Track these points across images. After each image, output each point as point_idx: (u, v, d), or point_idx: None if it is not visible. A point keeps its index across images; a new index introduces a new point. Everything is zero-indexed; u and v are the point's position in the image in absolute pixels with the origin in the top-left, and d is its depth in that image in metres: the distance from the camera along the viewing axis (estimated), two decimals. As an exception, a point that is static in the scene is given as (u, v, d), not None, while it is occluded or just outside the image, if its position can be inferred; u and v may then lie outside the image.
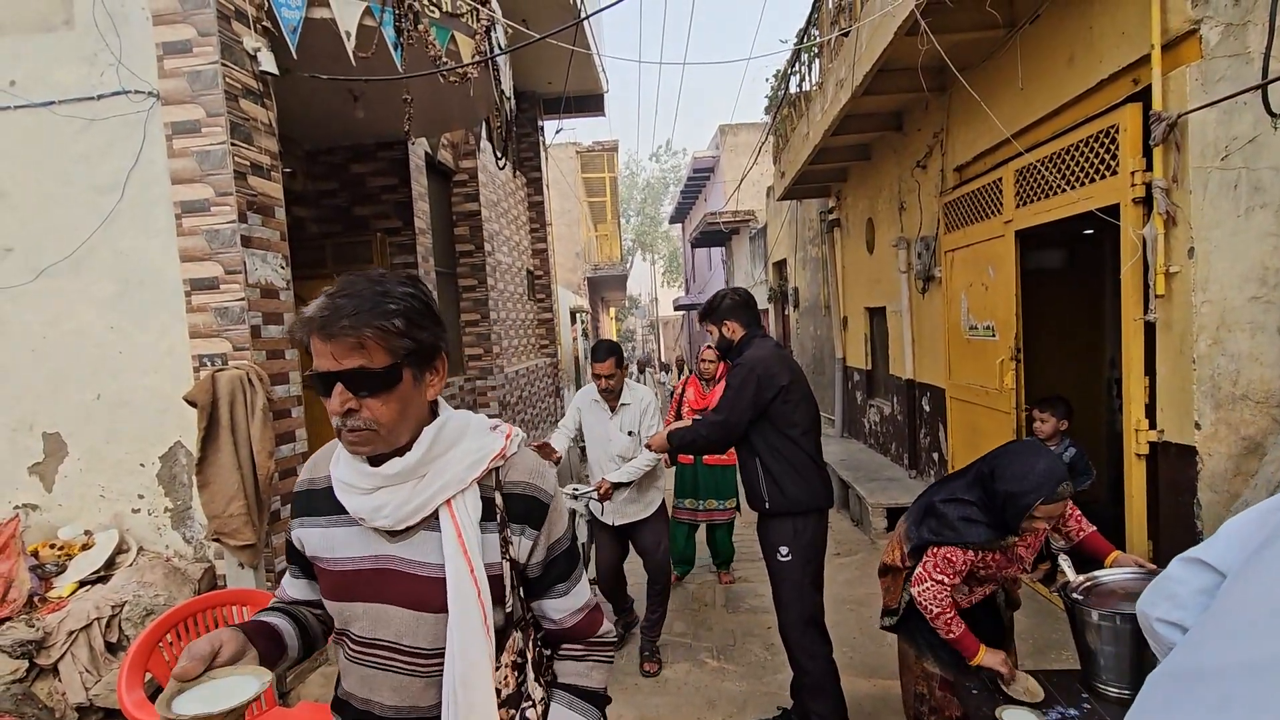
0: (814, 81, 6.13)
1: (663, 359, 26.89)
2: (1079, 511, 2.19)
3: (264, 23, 3.11)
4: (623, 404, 3.38)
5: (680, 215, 24.64)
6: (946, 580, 2.02)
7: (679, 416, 4.33)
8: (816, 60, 6.00)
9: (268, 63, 3.09)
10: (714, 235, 15.50)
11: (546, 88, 8.55)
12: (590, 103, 9.38)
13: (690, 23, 8.65)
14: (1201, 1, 2.46)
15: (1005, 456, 2.03)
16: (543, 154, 9.14)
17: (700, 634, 3.84)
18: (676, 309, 26.03)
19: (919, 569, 2.07)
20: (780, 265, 11.59)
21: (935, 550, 2.04)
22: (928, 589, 2.03)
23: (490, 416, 5.06)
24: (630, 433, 3.38)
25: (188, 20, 2.85)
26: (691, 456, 4.25)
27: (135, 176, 2.93)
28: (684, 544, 4.57)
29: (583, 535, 3.61)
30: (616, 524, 3.42)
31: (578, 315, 15.15)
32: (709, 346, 4.29)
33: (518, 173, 8.56)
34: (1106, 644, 1.90)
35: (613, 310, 33.20)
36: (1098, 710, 1.85)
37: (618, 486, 3.30)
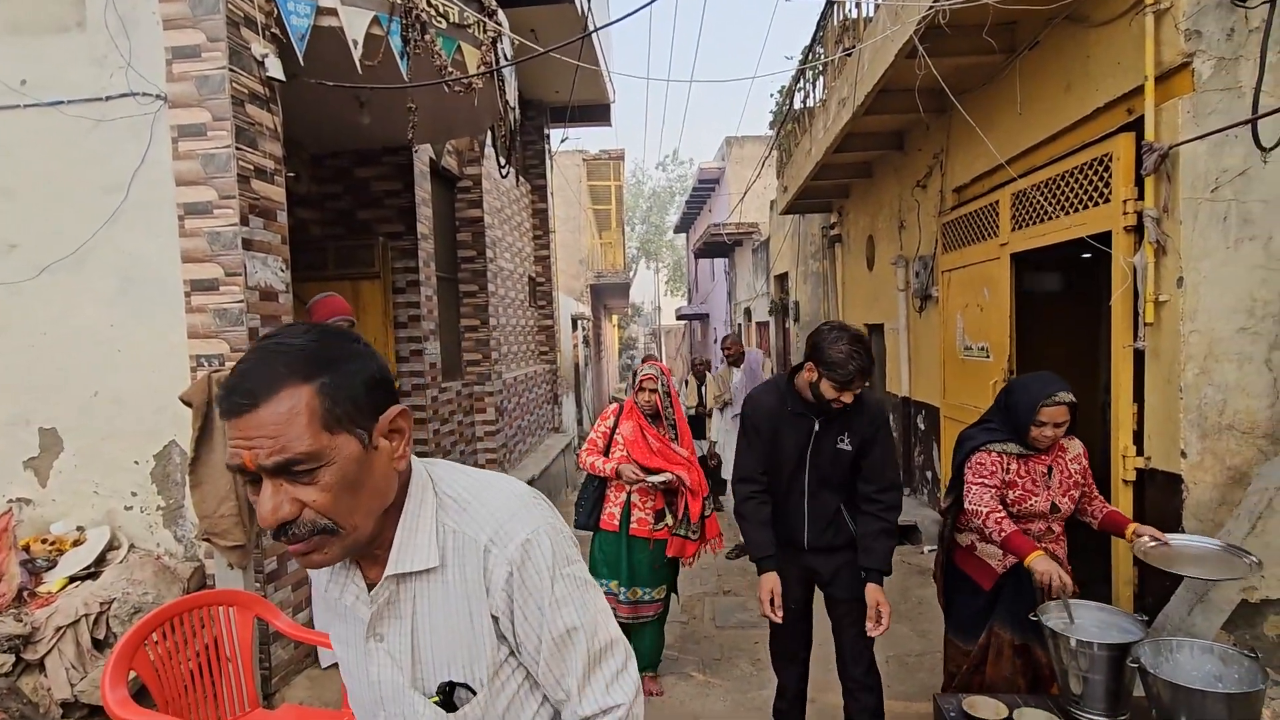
0: (818, 98, 6.18)
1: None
2: (1102, 498, 2.38)
3: (272, 29, 3.15)
4: (394, 581, 0.87)
5: (685, 225, 24.74)
6: (985, 480, 2.23)
7: (606, 456, 3.17)
8: (821, 77, 6.05)
9: (275, 69, 3.13)
10: (717, 246, 15.56)
11: (554, 96, 8.62)
12: (597, 112, 9.45)
13: (699, 35, 8.73)
14: (1194, 35, 2.49)
15: (1018, 378, 2.37)
16: (548, 162, 9.21)
17: (688, 648, 3.84)
18: (678, 318, 26.09)
19: (964, 487, 2.27)
20: (782, 279, 11.62)
21: (967, 463, 2.28)
22: (973, 494, 2.23)
23: (487, 422, 4.67)
24: (453, 693, 0.87)
25: (197, 26, 2.89)
26: (617, 523, 3.14)
27: (140, 177, 2.96)
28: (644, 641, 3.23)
29: None
30: None
31: (579, 322, 15.19)
32: (644, 384, 3.18)
33: (522, 179, 8.62)
34: (1084, 671, 1.91)
35: (615, 318, 33.25)
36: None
37: None
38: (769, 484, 2.45)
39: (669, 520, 3.13)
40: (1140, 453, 2.76)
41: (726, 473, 5.59)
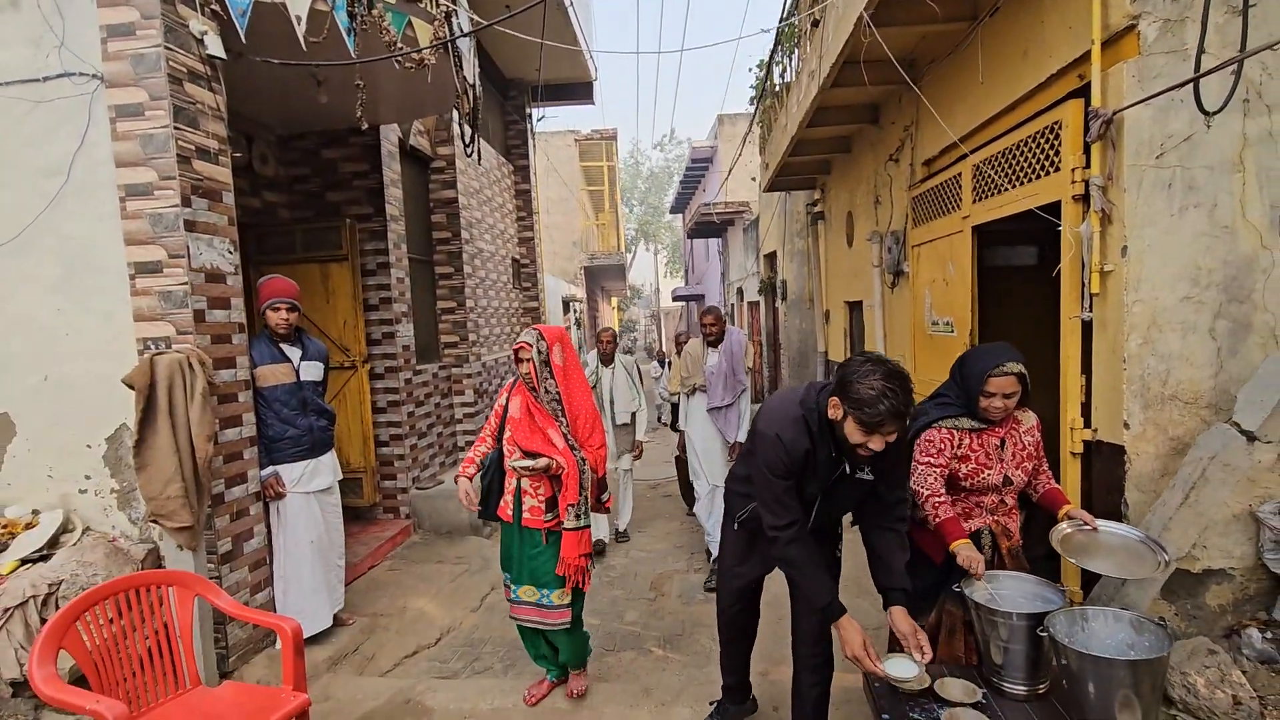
0: (794, 72, 6.08)
1: (662, 347, 26.78)
2: (1049, 471, 2.40)
3: (212, 5, 3.10)
4: None
5: (680, 205, 24.57)
6: (932, 460, 2.23)
7: (499, 438, 2.88)
8: (796, 50, 5.95)
9: (214, 46, 3.09)
10: (708, 226, 15.45)
11: (535, 75, 8.51)
12: (579, 90, 9.33)
13: (687, 7, 8.59)
14: (1140, -4, 2.42)
15: (971, 349, 2.36)
16: (530, 141, 9.11)
17: (650, 623, 3.87)
18: (675, 299, 26.00)
19: (911, 464, 2.27)
20: (771, 257, 11.55)
21: (918, 440, 2.27)
22: (919, 475, 2.25)
23: (466, 404, 4.60)
24: None
25: (131, 2, 2.84)
26: (510, 513, 2.85)
27: (80, 159, 2.93)
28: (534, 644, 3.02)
29: None
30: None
31: (571, 304, 15.16)
32: (519, 353, 2.76)
33: (505, 160, 8.54)
34: (1005, 641, 1.91)
35: (614, 300, 33.18)
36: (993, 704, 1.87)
37: None
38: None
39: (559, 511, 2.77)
40: (1088, 425, 2.74)
41: (692, 475, 4.74)
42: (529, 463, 2.70)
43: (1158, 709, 1.65)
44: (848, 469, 2.09)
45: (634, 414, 5.28)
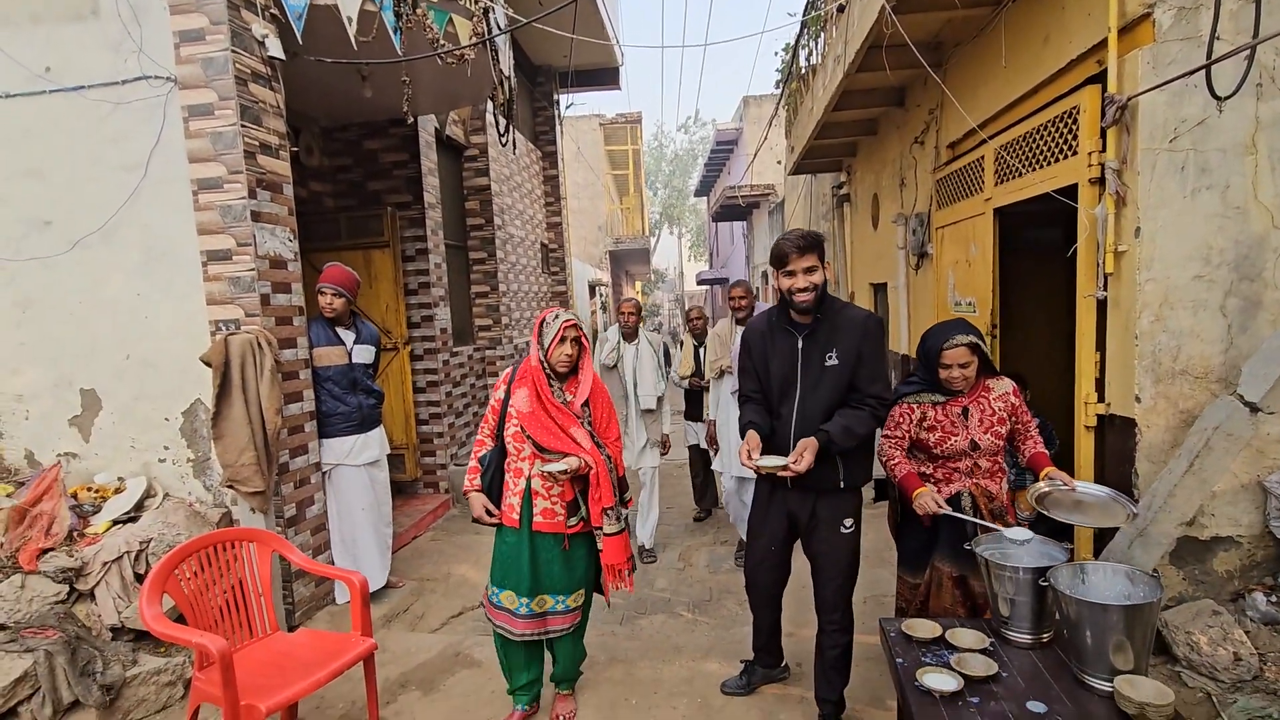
0: (819, 55, 6.14)
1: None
2: (1037, 436, 2.52)
3: (271, 10, 3.32)
4: None
5: (705, 188, 24.53)
6: (889, 434, 2.52)
7: (500, 437, 2.52)
8: (821, 34, 6.01)
9: (275, 48, 3.31)
10: (734, 209, 15.48)
11: (563, 61, 8.66)
12: (605, 76, 9.46)
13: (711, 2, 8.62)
14: (1156, -15, 2.51)
15: (929, 328, 2.54)
16: (558, 128, 9.28)
17: (680, 590, 4.09)
18: (699, 283, 26.04)
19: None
20: (796, 240, 11.58)
21: (888, 417, 2.52)
22: (882, 445, 2.53)
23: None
24: None
25: (201, 9, 3.08)
26: (517, 516, 2.49)
27: (156, 156, 3.19)
28: (522, 663, 2.65)
29: None
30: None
31: (596, 288, 15.35)
32: (565, 332, 2.43)
33: (533, 147, 8.72)
34: (1012, 594, 2.08)
35: (638, 283, 33.31)
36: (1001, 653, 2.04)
37: None
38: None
39: (584, 514, 2.51)
40: (1101, 399, 2.86)
41: (719, 465, 4.36)
42: (561, 465, 2.36)
43: (1148, 653, 1.80)
44: (801, 342, 2.44)
45: (659, 399, 4.57)
